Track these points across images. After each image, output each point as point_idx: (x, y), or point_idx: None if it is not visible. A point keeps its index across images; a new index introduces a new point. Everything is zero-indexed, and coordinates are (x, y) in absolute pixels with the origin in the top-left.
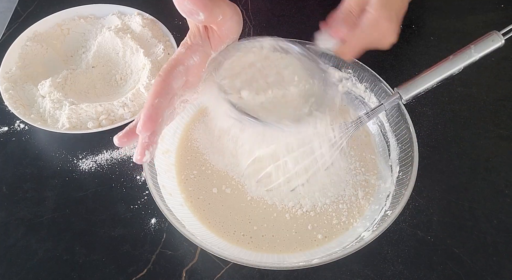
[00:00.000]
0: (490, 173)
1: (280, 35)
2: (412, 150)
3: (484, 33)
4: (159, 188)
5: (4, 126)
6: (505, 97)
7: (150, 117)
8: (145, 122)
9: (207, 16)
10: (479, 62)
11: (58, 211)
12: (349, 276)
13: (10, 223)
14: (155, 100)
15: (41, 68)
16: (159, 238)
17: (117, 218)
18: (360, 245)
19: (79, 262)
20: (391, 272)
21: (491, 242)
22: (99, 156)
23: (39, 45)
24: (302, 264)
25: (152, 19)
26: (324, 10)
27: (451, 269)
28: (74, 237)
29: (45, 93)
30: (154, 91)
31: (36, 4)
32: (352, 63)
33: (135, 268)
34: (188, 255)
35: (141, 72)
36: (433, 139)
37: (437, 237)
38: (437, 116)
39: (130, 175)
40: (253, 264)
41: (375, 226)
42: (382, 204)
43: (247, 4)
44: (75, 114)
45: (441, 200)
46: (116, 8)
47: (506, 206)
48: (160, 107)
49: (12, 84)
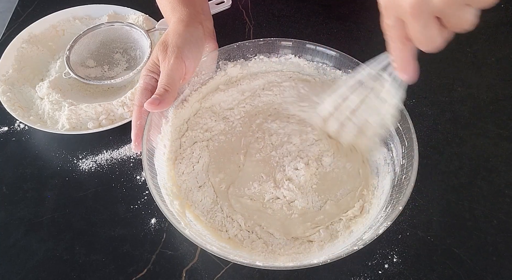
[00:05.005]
0: (490, 173)
1: (280, 35)
2: (412, 150)
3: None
4: (159, 188)
5: (4, 126)
6: (505, 97)
7: (137, 135)
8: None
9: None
10: (479, 62)
11: (58, 211)
12: (349, 276)
13: (10, 223)
14: (137, 122)
15: (38, 70)
16: (159, 238)
17: (117, 218)
18: (360, 245)
19: (79, 262)
20: (391, 272)
21: (491, 242)
22: (99, 156)
23: (34, 47)
24: (302, 264)
25: (147, 18)
26: (324, 10)
27: (451, 269)
28: (74, 237)
29: (43, 94)
30: (134, 117)
31: (36, 4)
32: (352, 63)
33: (135, 268)
34: (188, 255)
35: (139, 71)
36: (433, 139)
37: (437, 237)
38: (437, 116)
39: (130, 175)
40: (253, 264)
41: (375, 226)
42: (382, 204)
43: (247, 4)
44: (74, 114)
45: (441, 200)
46: (111, 8)
47: (506, 206)
48: (142, 126)
49: (9, 86)
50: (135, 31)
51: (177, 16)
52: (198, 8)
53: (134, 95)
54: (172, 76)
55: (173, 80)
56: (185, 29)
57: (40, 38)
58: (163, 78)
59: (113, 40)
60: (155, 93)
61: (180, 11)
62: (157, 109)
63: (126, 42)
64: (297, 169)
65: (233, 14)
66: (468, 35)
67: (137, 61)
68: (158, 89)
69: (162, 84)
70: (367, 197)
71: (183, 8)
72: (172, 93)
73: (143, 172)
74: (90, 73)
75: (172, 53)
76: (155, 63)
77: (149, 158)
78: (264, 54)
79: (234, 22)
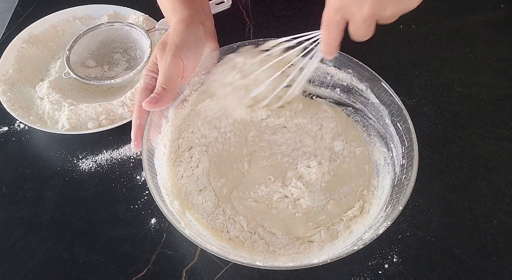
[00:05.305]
0: (490, 173)
1: (280, 35)
2: (412, 150)
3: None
4: (159, 188)
5: (4, 126)
6: (505, 97)
7: (136, 134)
8: (134, 140)
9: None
10: (479, 62)
11: (58, 211)
12: (349, 276)
13: (10, 223)
14: (137, 122)
15: (38, 70)
16: (159, 238)
17: (117, 218)
18: (360, 245)
19: (79, 262)
20: (391, 272)
21: (491, 242)
22: (99, 156)
23: (34, 47)
24: (302, 264)
25: (147, 18)
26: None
27: (451, 269)
28: (74, 237)
29: (43, 94)
30: (134, 116)
31: (36, 4)
32: (352, 63)
33: (135, 268)
34: (188, 255)
35: (139, 71)
36: (433, 139)
37: (437, 237)
38: (437, 116)
39: (130, 175)
40: (253, 264)
41: (375, 226)
42: (382, 204)
43: (247, 4)
44: (74, 114)
45: (441, 200)
46: (111, 8)
47: (506, 206)
48: (141, 125)
49: (9, 86)
50: (135, 31)
51: (178, 16)
52: (198, 8)
53: (134, 95)
54: (169, 74)
55: (170, 78)
56: (185, 29)
57: (40, 38)
58: (161, 77)
59: (113, 40)
60: (154, 92)
61: (181, 12)
62: (155, 107)
63: (126, 42)
64: (309, 167)
65: (233, 14)
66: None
67: (137, 61)
68: (156, 88)
69: (160, 83)
70: (367, 197)
71: (184, 8)
72: (170, 91)
73: (143, 172)
74: (90, 73)
75: (169, 51)
76: (154, 63)
77: (149, 158)
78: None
79: (234, 22)
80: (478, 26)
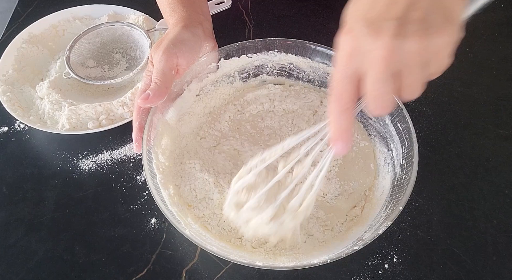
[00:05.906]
0: (490, 173)
1: (280, 35)
2: (412, 150)
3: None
4: (159, 188)
5: (4, 126)
6: (505, 97)
7: (137, 135)
8: (135, 141)
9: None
10: (479, 62)
11: (58, 211)
12: (349, 276)
13: (10, 223)
14: (136, 123)
15: (38, 70)
16: (159, 238)
17: (117, 218)
18: (360, 245)
19: (79, 262)
20: (391, 272)
21: (491, 242)
22: (99, 156)
23: (34, 47)
24: (302, 264)
25: (147, 18)
26: (324, 11)
27: (451, 269)
28: (74, 237)
29: (43, 94)
30: (134, 118)
31: (36, 4)
32: None
33: (135, 268)
34: (188, 255)
35: (139, 71)
36: (433, 139)
37: (437, 237)
38: (437, 116)
39: (130, 175)
40: (253, 264)
41: (375, 226)
42: (382, 204)
43: (247, 4)
44: (74, 114)
45: (441, 200)
46: (111, 8)
47: (506, 206)
48: (142, 126)
49: (9, 86)
50: (135, 31)
51: (176, 17)
52: (197, 9)
53: (134, 95)
54: (161, 70)
55: (163, 73)
56: (183, 28)
57: (40, 38)
58: (154, 73)
59: (113, 40)
60: (148, 88)
61: (179, 12)
62: (149, 103)
63: (126, 42)
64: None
65: (233, 14)
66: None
67: (137, 61)
68: (150, 85)
69: (153, 78)
70: (367, 197)
71: (183, 9)
72: (162, 86)
73: (143, 172)
74: (90, 73)
75: (161, 47)
76: (152, 63)
77: (149, 158)
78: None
79: (234, 22)
80: (478, 26)
